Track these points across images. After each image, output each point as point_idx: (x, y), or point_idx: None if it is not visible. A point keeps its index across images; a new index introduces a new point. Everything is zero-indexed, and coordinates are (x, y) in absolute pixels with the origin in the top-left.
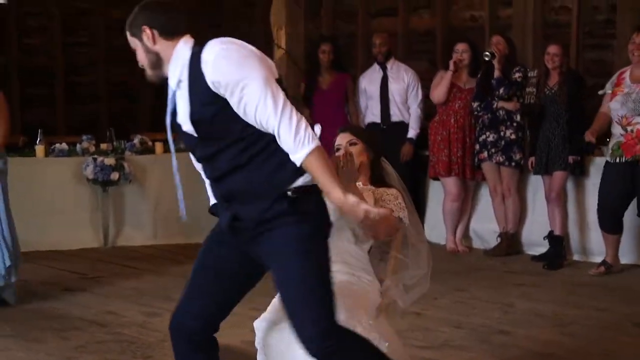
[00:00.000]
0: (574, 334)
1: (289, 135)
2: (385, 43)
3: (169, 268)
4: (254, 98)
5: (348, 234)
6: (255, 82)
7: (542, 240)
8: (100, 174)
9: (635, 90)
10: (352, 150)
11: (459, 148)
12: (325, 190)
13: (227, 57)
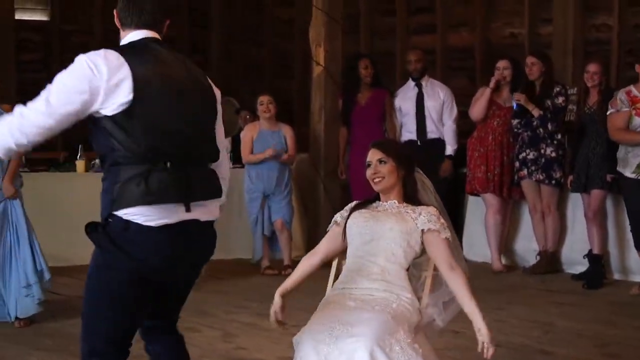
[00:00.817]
0: (614, 354)
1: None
2: (420, 60)
3: (205, 284)
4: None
5: (387, 252)
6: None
7: (582, 259)
8: None
9: None
10: (381, 169)
11: (497, 166)
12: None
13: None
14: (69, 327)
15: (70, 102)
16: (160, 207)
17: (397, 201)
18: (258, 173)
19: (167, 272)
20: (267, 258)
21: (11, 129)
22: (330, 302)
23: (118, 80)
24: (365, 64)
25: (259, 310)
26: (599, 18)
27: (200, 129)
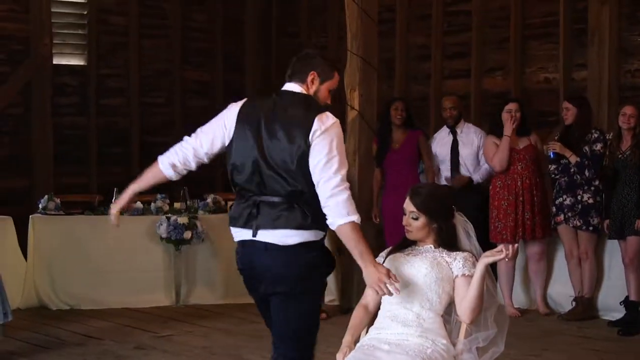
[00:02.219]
0: None
1: None
2: (456, 107)
3: (240, 327)
4: None
5: (422, 299)
6: None
7: (619, 305)
8: (173, 233)
9: None
10: (412, 223)
11: (528, 210)
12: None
13: None
14: None
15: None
16: (235, 229)
17: (432, 246)
18: None
19: (248, 283)
20: None
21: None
22: (365, 345)
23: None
24: (397, 106)
25: None
26: (635, 63)
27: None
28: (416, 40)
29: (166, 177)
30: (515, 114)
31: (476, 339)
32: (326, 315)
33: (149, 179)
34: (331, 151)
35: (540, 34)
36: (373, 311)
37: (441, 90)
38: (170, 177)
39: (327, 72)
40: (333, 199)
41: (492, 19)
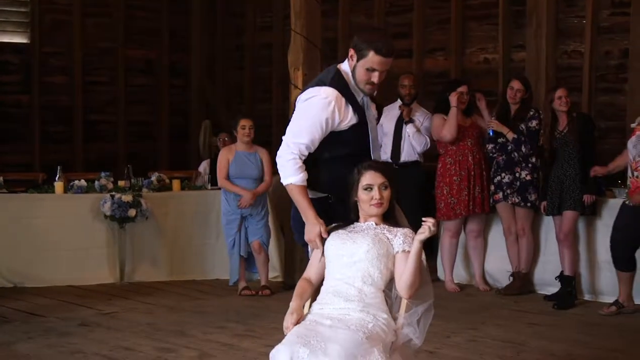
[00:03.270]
0: None
1: None
2: (415, 85)
3: (183, 304)
4: None
5: (364, 275)
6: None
7: (554, 280)
8: (117, 211)
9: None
10: (384, 195)
11: (478, 184)
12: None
13: None
14: (45, 347)
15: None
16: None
17: (375, 222)
18: (235, 195)
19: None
20: (243, 279)
21: None
22: (308, 320)
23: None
24: None
25: (236, 331)
26: (571, 45)
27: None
28: (359, 20)
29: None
30: (465, 96)
31: (416, 312)
32: (270, 291)
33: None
34: (292, 120)
35: (480, 16)
36: (316, 284)
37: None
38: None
39: (362, 49)
40: (278, 161)
41: (433, 0)
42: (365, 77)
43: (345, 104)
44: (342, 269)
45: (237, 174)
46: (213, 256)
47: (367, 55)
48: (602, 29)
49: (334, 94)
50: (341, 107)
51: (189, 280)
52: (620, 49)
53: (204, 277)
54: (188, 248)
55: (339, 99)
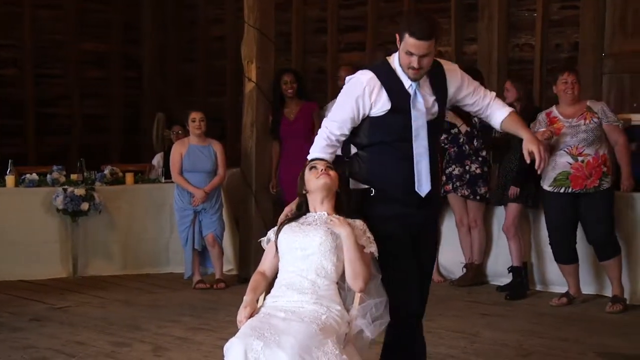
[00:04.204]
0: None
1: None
2: None
3: (137, 298)
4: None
5: (318, 267)
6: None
7: (506, 272)
8: (70, 204)
9: (581, 122)
10: (329, 173)
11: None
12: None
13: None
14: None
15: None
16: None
17: (327, 212)
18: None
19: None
20: (198, 273)
21: None
22: (262, 313)
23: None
24: (287, 78)
25: (190, 324)
26: (522, 38)
27: None
28: (312, 14)
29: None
30: None
31: (369, 305)
32: (224, 284)
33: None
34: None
35: (433, 9)
36: (270, 278)
37: (337, 62)
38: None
39: (402, 34)
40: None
41: None
42: (406, 61)
43: (380, 87)
44: (296, 262)
45: (190, 167)
46: (167, 250)
47: (404, 38)
48: (552, 23)
49: (368, 75)
50: (373, 89)
51: (142, 274)
52: (570, 42)
53: (158, 271)
54: (142, 242)
55: (373, 81)
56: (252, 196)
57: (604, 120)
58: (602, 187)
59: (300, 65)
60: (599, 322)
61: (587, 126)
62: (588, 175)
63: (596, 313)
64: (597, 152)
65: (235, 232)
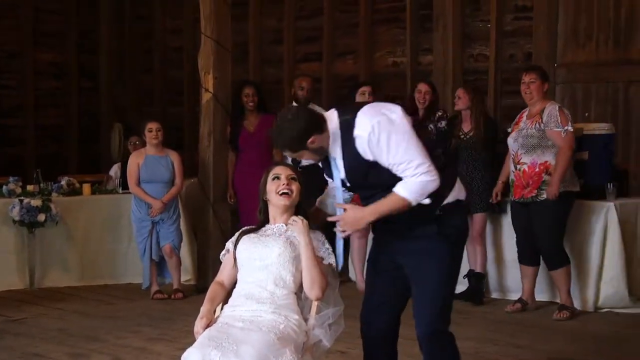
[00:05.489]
0: None
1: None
2: (313, 89)
3: (96, 309)
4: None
5: (276, 278)
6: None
7: (462, 279)
8: (26, 216)
9: (527, 126)
10: (292, 187)
11: None
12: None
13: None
14: None
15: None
16: None
17: (285, 224)
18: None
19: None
20: (155, 283)
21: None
22: (219, 322)
23: None
24: (248, 91)
25: (149, 335)
26: (477, 48)
27: None
28: (269, 24)
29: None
30: (368, 96)
31: (326, 315)
32: (182, 294)
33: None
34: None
35: (388, 19)
36: (228, 288)
37: (294, 73)
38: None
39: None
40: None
41: (342, 5)
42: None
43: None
44: (255, 272)
45: (147, 177)
46: (125, 260)
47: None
48: (506, 33)
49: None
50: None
51: (100, 285)
52: (523, 52)
53: (116, 282)
54: (99, 252)
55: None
56: (210, 206)
57: (546, 125)
58: (542, 196)
59: (258, 75)
60: (551, 329)
61: (527, 131)
62: (525, 185)
63: (549, 320)
64: (534, 160)
65: (193, 242)
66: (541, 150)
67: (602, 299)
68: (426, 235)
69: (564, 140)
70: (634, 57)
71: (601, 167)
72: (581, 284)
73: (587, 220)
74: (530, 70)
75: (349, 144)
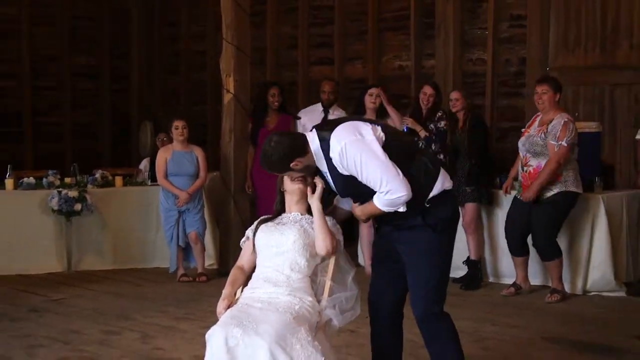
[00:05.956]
0: (491, 348)
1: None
2: (334, 91)
3: (126, 290)
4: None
5: (292, 263)
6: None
7: (462, 264)
8: (64, 205)
9: (535, 133)
10: (308, 178)
11: None
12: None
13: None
14: None
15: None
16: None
17: (300, 213)
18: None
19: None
20: (182, 267)
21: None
22: (240, 303)
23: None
24: (274, 91)
25: (175, 314)
26: (475, 53)
27: None
28: (285, 31)
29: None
30: (375, 98)
31: (339, 297)
32: (206, 278)
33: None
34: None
35: (394, 27)
36: (248, 272)
37: (308, 76)
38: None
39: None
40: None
41: (351, 14)
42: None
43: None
44: (272, 258)
45: (174, 171)
46: (153, 246)
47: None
48: (502, 40)
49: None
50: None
51: (131, 268)
52: (518, 57)
53: (145, 266)
54: (130, 239)
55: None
56: (231, 197)
57: (547, 136)
58: (544, 196)
59: (274, 78)
60: (544, 310)
61: (534, 139)
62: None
63: (542, 303)
64: (539, 164)
65: (216, 230)
66: (544, 157)
67: (590, 283)
68: (415, 225)
69: (555, 153)
70: (619, 62)
71: (589, 162)
72: (571, 269)
73: (577, 211)
74: (543, 82)
75: (329, 163)
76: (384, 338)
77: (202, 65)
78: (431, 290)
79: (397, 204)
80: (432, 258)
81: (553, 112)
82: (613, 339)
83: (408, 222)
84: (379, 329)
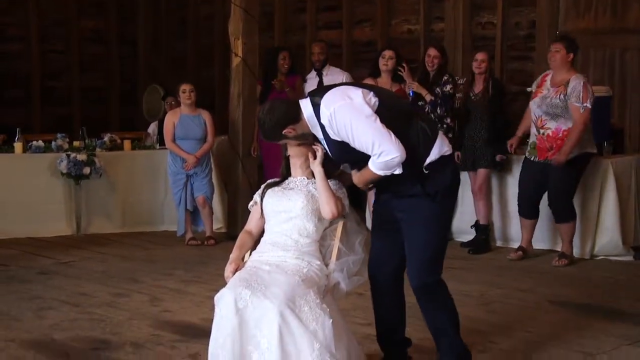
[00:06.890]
0: (497, 311)
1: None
2: (323, 52)
3: (135, 253)
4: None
5: (300, 228)
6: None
7: (470, 229)
8: (73, 169)
9: (552, 94)
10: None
11: None
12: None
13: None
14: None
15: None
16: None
17: (306, 177)
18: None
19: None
20: (190, 231)
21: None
22: (248, 266)
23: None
24: (284, 55)
25: (183, 277)
26: (485, 17)
27: None
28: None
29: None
30: (388, 60)
31: (346, 261)
32: (214, 241)
33: None
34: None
35: None
36: (256, 236)
37: (316, 39)
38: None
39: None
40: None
41: None
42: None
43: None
44: (281, 223)
45: (182, 135)
46: (162, 210)
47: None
48: (512, 3)
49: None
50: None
51: (139, 232)
52: (528, 20)
53: (154, 229)
54: (138, 202)
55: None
56: (239, 161)
57: (568, 98)
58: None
59: (282, 41)
60: (551, 274)
61: (552, 100)
62: (549, 148)
63: (549, 266)
64: (559, 126)
65: (224, 194)
66: (564, 119)
67: (598, 247)
68: (413, 193)
69: (581, 115)
70: (630, 25)
71: (599, 127)
72: (580, 233)
73: (586, 175)
74: (557, 41)
75: (323, 129)
76: (385, 302)
77: (209, 30)
78: (427, 262)
79: (391, 166)
80: (430, 228)
81: (566, 73)
82: (620, 302)
83: (407, 190)
84: (381, 294)
